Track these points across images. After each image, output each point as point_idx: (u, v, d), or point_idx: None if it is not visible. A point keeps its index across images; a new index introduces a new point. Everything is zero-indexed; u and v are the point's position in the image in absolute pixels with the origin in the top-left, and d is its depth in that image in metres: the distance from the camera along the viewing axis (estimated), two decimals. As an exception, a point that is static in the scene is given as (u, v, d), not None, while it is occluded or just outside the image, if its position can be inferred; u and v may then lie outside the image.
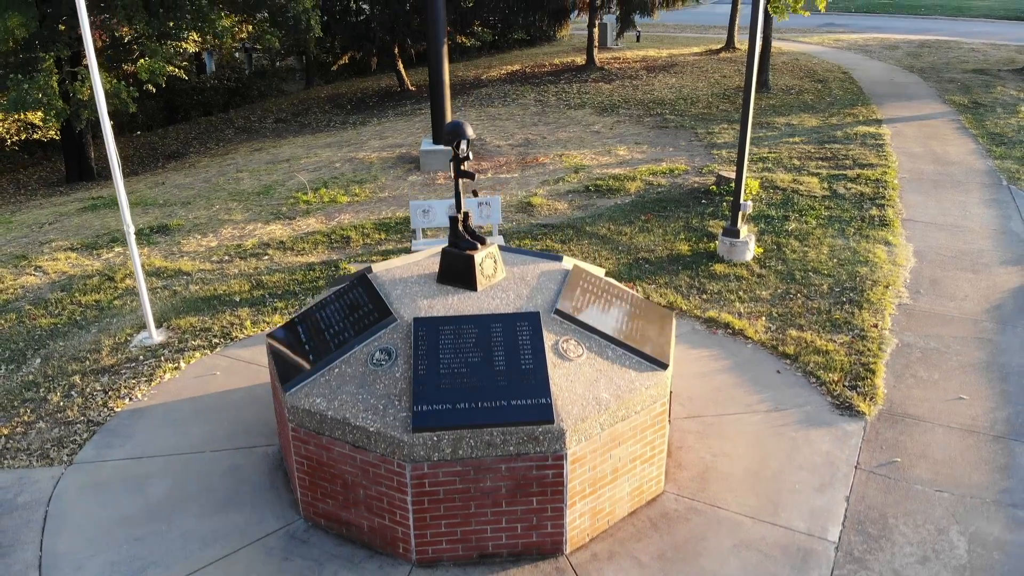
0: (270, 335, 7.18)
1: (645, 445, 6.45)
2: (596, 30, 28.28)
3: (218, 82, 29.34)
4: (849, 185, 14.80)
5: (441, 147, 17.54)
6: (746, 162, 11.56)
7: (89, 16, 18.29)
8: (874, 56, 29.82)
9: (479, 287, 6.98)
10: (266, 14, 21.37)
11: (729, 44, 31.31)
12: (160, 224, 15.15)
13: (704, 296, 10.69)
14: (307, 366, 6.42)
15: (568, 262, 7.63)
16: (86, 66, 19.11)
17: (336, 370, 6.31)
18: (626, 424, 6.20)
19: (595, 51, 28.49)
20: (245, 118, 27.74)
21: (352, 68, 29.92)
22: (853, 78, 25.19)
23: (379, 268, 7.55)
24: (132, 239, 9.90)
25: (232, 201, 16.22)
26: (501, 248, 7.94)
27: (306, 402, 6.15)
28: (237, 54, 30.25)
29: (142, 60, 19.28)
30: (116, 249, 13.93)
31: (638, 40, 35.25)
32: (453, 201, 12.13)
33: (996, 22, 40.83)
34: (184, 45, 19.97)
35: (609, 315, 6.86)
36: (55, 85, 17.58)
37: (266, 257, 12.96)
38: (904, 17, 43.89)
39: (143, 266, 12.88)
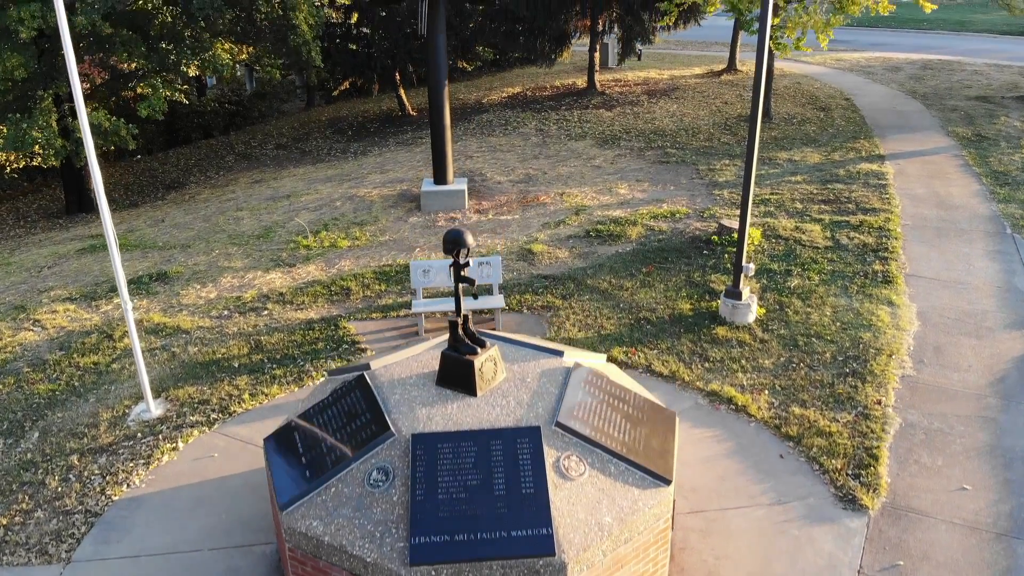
0: (268, 439, 7.11)
1: (648, 562, 6.39)
2: (597, 54, 28.18)
3: (218, 105, 29.27)
4: (852, 234, 14.72)
5: (442, 187, 17.47)
6: (747, 228, 11.49)
7: (88, 54, 18.31)
8: (876, 79, 29.72)
9: (479, 392, 6.91)
10: (268, 44, 21.29)
11: (731, 66, 31.22)
12: (159, 271, 15.08)
13: (707, 365, 10.62)
14: (304, 482, 6.35)
15: (569, 358, 7.56)
16: (86, 103, 19.07)
17: (333, 489, 6.24)
18: (629, 546, 6.13)
19: (596, 75, 28.41)
20: (245, 142, 27.67)
21: (353, 89, 29.84)
22: (855, 106, 25.09)
23: (377, 366, 7.48)
24: (130, 316, 9.82)
25: (232, 245, 16.15)
26: (501, 340, 7.87)
27: (302, 524, 6.08)
28: (239, 72, 30.15)
29: (141, 86, 19.22)
30: (115, 300, 13.86)
31: (639, 59, 35.15)
32: (452, 262, 12.06)
33: (998, 38, 40.70)
34: (185, 69, 19.86)
35: (611, 423, 6.79)
36: (54, 124, 17.51)
37: (265, 312, 12.89)
38: (906, 31, 43.75)
39: (142, 321, 12.83)
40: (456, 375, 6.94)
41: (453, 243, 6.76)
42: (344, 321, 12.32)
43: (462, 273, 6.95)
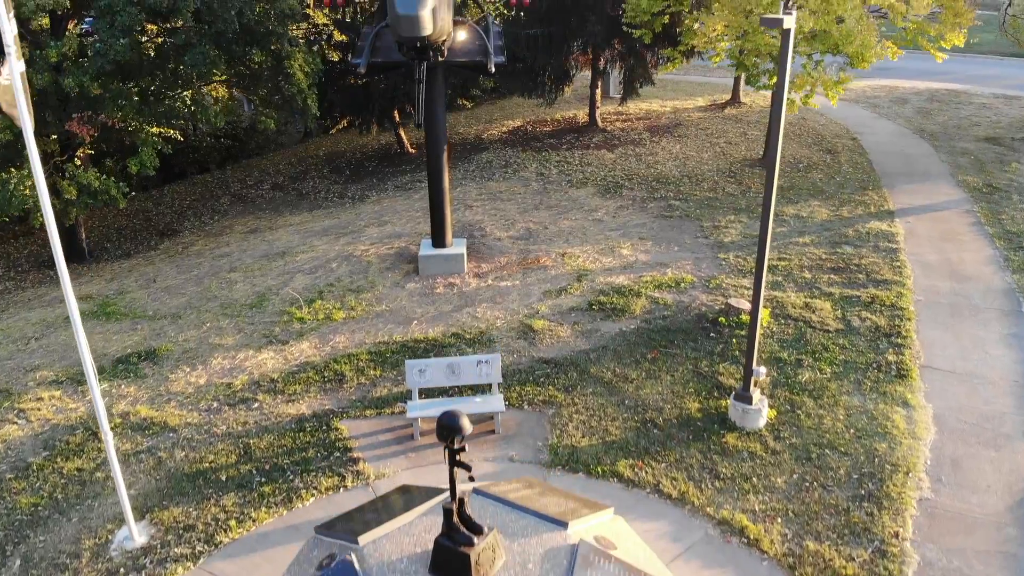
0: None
1: None
2: (599, 91, 27.71)
3: (214, 139, 28.80)
4: (864, 314, 14.25)
5: (440, 251, 17.01)
6: (758, 334, 11.04)
7: (77, 111, 17.82)
8: (883, 113, 29.26)
9: (476, 582, 6.45)
10: (264, 92, 20.83)
11: (735, 98, 30.75)
12: (148, 349, 14.63)
13: (717, 484, 10.16)
14: None
15: (574, 530, 7.09)
16: (76, 161, 18.58)
17: None
18: None
19: (597, 110, 27.93)
20: (241, 180, 27.20)
21: (352, 124, 29.37)
22: (863, 147, 24.62)
23: (366, 541, 7.00)
24: (109, 441, 9.37)
25: (223, 316, 15.69)
26: (499, 503, 7.40)
27: None
28: (244, 107, 29.63)
29: (140, 133, 18.76)
30: (103, 386, 13.40)
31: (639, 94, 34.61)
32: (449, 361, 11.64)
33: (1003, 60, 40.16)
34: (178, 121, 19.43)
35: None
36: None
37: (255, 406, 12.44)
38: (910, 54, 43.16)
39: (128, 414, 12.39)
40: (450, 568, 6.48)
41: (448, 430, 6.30)
42: (336, 420, 11.87)
43: (458, 458, 6.48)
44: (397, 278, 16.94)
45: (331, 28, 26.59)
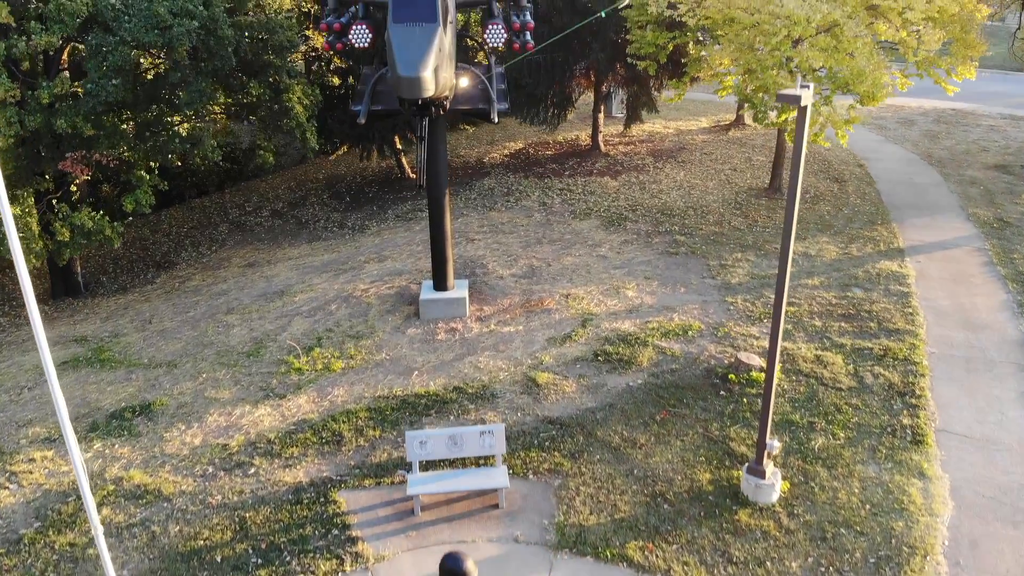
0: None
1: None
2: (601, 115, 27.35)
3: (212, 163, 28.39)
4: (876, 369, 13.90)
5: (442, 295, 16.65)
6: (771, 408, 10.68)
7: (70, 151, 17.46)
8: (890, 136, 28.92)
9: None
10: (262, 114, 20.46)
11: (739, 120, 30.39)
12: (142, 402, 14.27)
13: (730, 569, 9.80)
14: None
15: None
16: (73, 189, 18.18)
17: None
18: None
19: (600, 134, 27.57)
20: (240, 206, 26.83)
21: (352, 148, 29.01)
22: (870, 176, 24.27)
23: None
24: (95, 523, 9.00)
25: (220, 366, 15.34)
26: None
27: None
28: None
29: (135, 169, 18.41)
30: (95, 445, 13.06)
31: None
32: (451, 433, 11.27)
33: (1009, 77, 39.80)
34: (173, 156, 19.08)
35: None
36: (35, 227, 16.69)
37: (252, 471, 12.09)
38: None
39: (121, 480, 12.05)
40: None
41: (452, 574, 5.95)
42: (335, 491, 11.50)
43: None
44: (397, 322, 16.58)
45: (330, 53, 26.21)
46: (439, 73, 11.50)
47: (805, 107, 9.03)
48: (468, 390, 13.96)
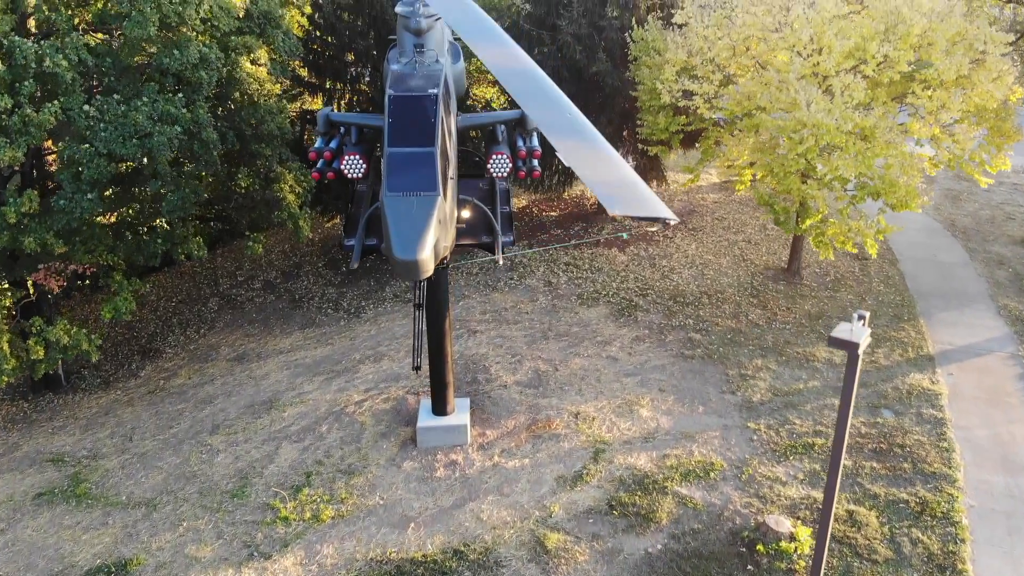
0: None
1: None
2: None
3: (203, 224, 27.15)
4: (914, 532, 12.79)
5: (441, 422, 15.51)
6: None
7: (39, 264, 16.26)
8: (909, 196, 27.65)
9: None
10: (252, 217, 19.34)
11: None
12: (118, 561, 13.17)
13: None
14: None
15: None
16: (43, 319, 16.94)
17: None
18: None
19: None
20: (231, 275, 25.60)
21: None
22: (893, 253, 23.03)
23: None
24: None
25: (201, 510, 14.20)
26: None
27: None
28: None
29: (114, 277, 17.27)
30: (63, 625, 11.96)
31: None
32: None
33: None
34: (154, 262, 17.94)
35: None
36: (5, 347, 15.51)
37: (234, 672, 10.99)
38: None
39: None
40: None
41: None
42: None
43: None
44: (393, 451, 15.43)
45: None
46: (439, 246, 10.33)
47: (859, 356, 7.86)
48: (469, 555, 12.84)
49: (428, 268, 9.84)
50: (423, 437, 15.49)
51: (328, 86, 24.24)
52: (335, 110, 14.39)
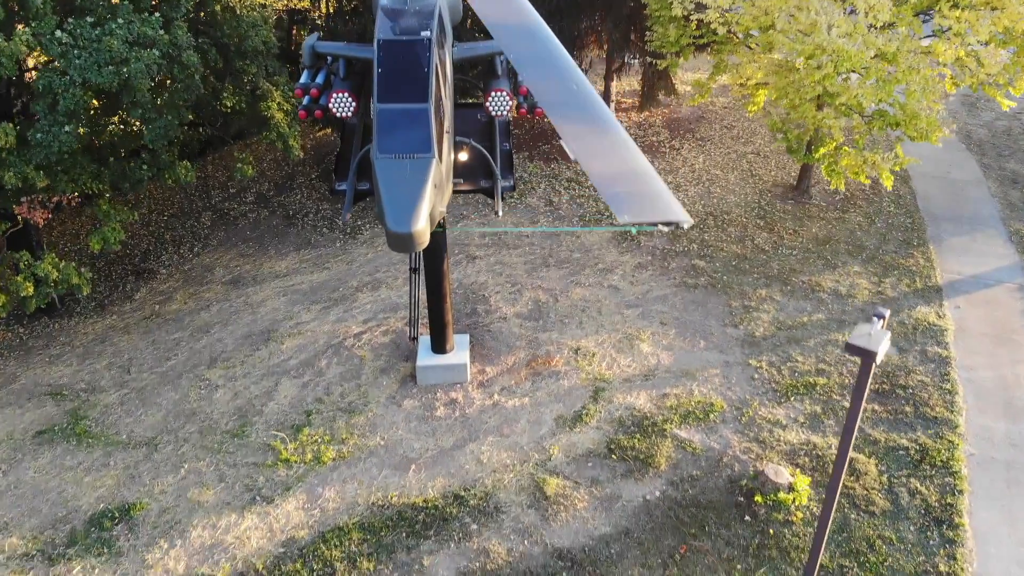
0: None
1: None
2: (614, 84, 25.01)
3: (191, 129, 26.10)
4: (912, 483, 12.84)
5: (440, 361, 15.35)
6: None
7: (25, 195, 15.66)
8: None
9: None
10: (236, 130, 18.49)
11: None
12: (121, 504, 13.28)
13: None
14: None
15: None
16: (31, 254, 16.41)
17: None
18: None
19: (612, 107, 25.31)
20: (223, 185, 24.85)
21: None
22: (906, 170, 22.26)
23: None
24: None
25: (203, 452, 14.23)
26: None
27: None
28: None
29: (100, 206, 16.77)
30: (75, 569, 12.16)
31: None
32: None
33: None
34: (143, 186, 17.31)
35: None
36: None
37: (241, 623, 11.26)
38: None
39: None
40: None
41: None
42: (330, 664, 10.70)
43: None
44: (393, 388, 15.35)
45: (316, 15, 23.68)
46: (435, 211, 9.77)
47: (873, 360, 7.49)
48: (470, 500, 12.94)
49: (424, 239, 9.34)
50: (423, 375, 15.36)
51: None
52: (320, 38, 13.38)
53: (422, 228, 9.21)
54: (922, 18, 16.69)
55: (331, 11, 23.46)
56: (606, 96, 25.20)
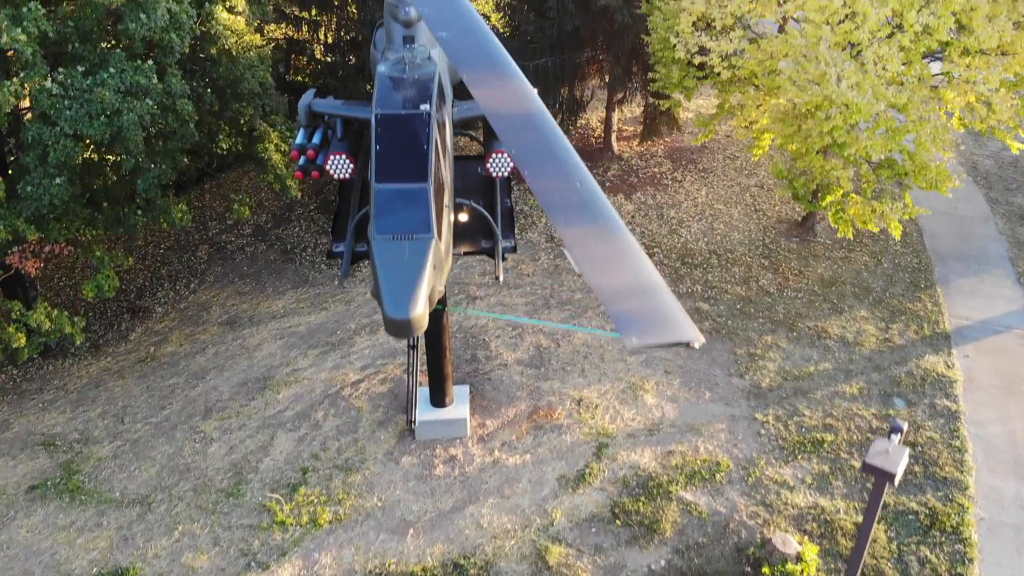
0: None
1: None
2: (615, 114, 24.72)
3: (186, 160, 25.75)
4: (922, 551, 12.55)
5: (440, 415, 15.04)
6: None
7: (15, 247, 15.35)
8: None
9: None
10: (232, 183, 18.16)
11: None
12: (114, 569, 13.00)
13: None
14: None
15: None
16: (22, 303, 16.11)
17: None
18: None
19: (613, 135, 25.00)
20: (220, 217, 24.52)
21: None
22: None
23: None
24: None
25: (197, 512, 13.93)
26: None
27: None
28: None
29: (94, 253, 16.48)
30: (60, 646, 11.88)
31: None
32: None
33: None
34: (137, 231, 17.01)
35: None
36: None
37: None
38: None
39: None
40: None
41: None
42: None
43: None
44: (390, 444, 15.04)
45: (311, 46, 23.38)
46: (434, 292, 9.45)
47: (891, 482, 7.18)
48: (470, 570, 12.66)
49: (422, 325, 9.01)
50: (421, 430, 15.05)
51: (314, 14, 22.53)
52: (316, 96, 13.04)
53: (420, 313, 8.88)
54: (929, 60, 16.41)
55: (329, 41, 23.16)
56: (607, 127, 24.91)
